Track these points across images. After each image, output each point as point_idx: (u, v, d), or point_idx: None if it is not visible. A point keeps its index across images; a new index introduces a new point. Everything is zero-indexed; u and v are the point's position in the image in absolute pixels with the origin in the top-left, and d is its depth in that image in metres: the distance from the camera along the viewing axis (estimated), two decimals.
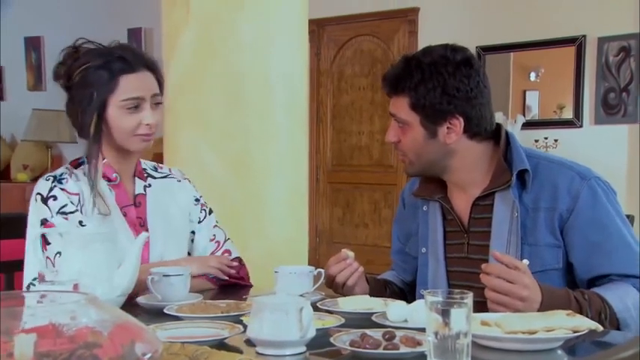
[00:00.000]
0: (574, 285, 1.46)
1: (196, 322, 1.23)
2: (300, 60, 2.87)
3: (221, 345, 1.12)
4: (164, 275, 1.45)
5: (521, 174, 1.48)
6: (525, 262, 1.33)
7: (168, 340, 1.07)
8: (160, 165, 1.76)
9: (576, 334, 1.11)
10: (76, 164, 1.62)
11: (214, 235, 1.73)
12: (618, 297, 1.38)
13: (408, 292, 1.69)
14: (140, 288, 1.44)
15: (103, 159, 1.60)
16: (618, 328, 1.37)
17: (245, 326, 1.16)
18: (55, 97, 6.54)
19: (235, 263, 1.69)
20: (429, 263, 1.60)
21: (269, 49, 2.73)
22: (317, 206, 5.87)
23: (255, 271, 1.79)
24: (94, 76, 1.55)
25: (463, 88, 1.47)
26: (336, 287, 1.54)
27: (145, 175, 1.68)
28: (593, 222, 1.44)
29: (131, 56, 1.57)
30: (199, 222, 1.72)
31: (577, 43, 4.73)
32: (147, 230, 1.59)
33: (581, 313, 1.31)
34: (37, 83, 6.88)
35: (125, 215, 1.60)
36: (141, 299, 1.44)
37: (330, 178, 6.01)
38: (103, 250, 1.33)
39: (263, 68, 2.72)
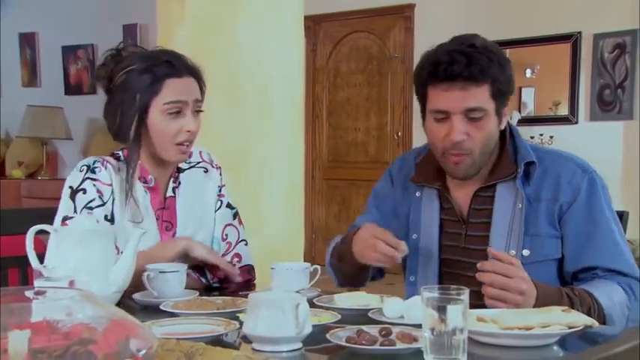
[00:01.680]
0: (562, 276, 1.49)
1: (192, 319, 1.23)
2: (296, 57, 2.87)
3: (217, 341, 1.11)
4: (160, 272, 1.44)
5: (526, 166, 1.50)
6: (512, 252, 1.36)
7: (163, 336, 1.06)
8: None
9: (572, 330, 1.12)
10: (113, 158, 1.60)
11: (227, 234, 1.67)
12: (605, 294, 1.40)
13: None
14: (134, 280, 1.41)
15: (138, 159, 1.57)
16: (604, 324, 1.38)
17: (241, 322, 1.15)
18: (49, 93, 6.54)
19: (237, 271, 1.61)
20: (419, 250, 1.59)
21: (265, 46, 2.72)
22: (313, 203, 5.87)
23: None
24: (138, 78, 1.52)
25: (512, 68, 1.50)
26: (360, 257, 1.47)
27: (176, 170, 1.64)
28: (588, 215, 1.47)
29: (177, 61, 1.56)
30: (215, 211, 1.67)
31: (572, 39, 4.73)
32: (174, 236, 1.58)
33: (573, 308, 1.32)
34: (31, 79, 6.85)
35: (158, 219, 1.58)
36: (137, 296, 1.44)
37: (326, 174, 6.01)
38: (98, 246, 1.33)
39: (259, 65, 2.72)
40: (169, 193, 1.62)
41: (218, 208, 1.69)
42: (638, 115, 4.55)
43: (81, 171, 1.54)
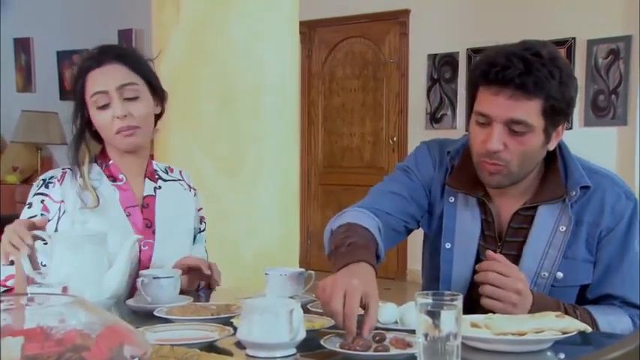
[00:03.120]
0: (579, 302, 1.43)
1: (186, 325, 1.23)
2: (291, 61, 2.87)
3: (211, 347, 1.11)
4: (154, 277, 1.44)
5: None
6: (544, 274, 1.38)
7: (157, 342, 1.06)
8: (172, 167, 1.73)
9: (565, 336, 1.12)
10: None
11: (206, 256, 1.73)
12: (609, 322, 1.36)
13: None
14: None
15: (109, 160, 1.60)
16: None
17: (235, 328, 1.15)
18: (44, 98, 6.52)
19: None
20: (453, 261, 1.48)
21: (260, 50, 2.73)
22: (308, 208, 5.87)
23: (246, 272, 1.79)
24: (74, 78, 1.58)
25: (578, 89, 1.39)
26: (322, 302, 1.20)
27: (156, 176, 1.66)
28: (623, 244, 1.41)
29: (98, 52, 1.57)
30: (200, 232, 1.72)
31: (567, 45, 4.75)
32: (154, 233, 1.59)
33: None
34: (26, 85, 6.84)
35: (129, 216, 1.58)
36: (130, 302, 1.44)
37: (321, 179, 6.01)
38: (92, 252, 1.32)
39: (254, 70, 2.72)
40: (149, 192, 1.63)
41: (203, 230, 1.73)
42: (631, 120, 4.57)
43: (37, 185, 1.57)
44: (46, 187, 1.56)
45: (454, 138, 1.58)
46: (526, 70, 1.30)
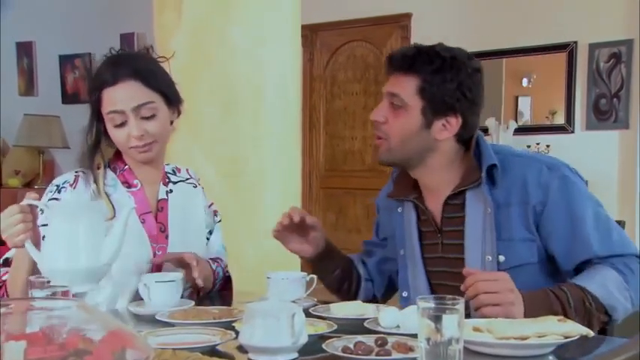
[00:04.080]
0: (555, 277, 1.47)
1: (188, 329, 1.23)
2: (293, 65, 2.87)
3: (213, 351, 1.12)
4: (156, 281, 1.44)
5: (490, 170, 1.48)
6: (488, 259, 1.42)
7: (159, 346, 1.06)
8: (178, 167, 1.73)
9: (568, 340, 1.12)
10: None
11: (224, 246, 1.75)
12: (599, 283, 1.38)
13: (363, 286, 1.72)
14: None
15: (125, 165, 1.60)
16: (607, 314, 1.38)
17: (237, 332, 1.15)
18: (46, 102, 6.54)
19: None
20: (407, 265, 1.60)
21: (261, 53, 2.73)
22: (310, 211, 5.86)
23: (247, 276, 1.79)
24: (89, 88, 1.57)
25: (475, 92, 1.50)
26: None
27: (167, 179, 1.67)
28: (567, 212, 1.45)
29: (114, 67, 1.53)
30: (215, 224, 1.74)
31: (568, 49, 4.75)
32: (167, 237, 1.59)
33: (564, 307, 1.34)
34: (28, 88, 6.85)
35: (143, 223, 1.57)
36: (132, 306, 1.44)
37: (322, 183, 6.01)
38: (87, 219, 1.31)
39: (255, 73, 2.73)
40: (162, 195, 1.63)
41: (218, 221, 1.75)
42: (633, 124, 4.57)
43: (50, 191, 1.56)
44: (59, 192, 1.55)
45: None
46: (411, 54, 1.49)
